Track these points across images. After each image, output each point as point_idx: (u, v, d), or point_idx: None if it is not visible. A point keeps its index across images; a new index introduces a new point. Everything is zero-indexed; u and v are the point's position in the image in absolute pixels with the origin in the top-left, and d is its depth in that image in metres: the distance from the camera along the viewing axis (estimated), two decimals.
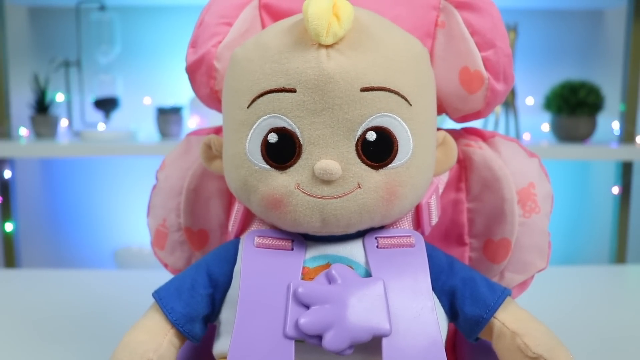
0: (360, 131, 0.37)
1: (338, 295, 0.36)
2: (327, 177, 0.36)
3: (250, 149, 0.38)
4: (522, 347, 0.39)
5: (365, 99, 0.37)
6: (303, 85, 0.36)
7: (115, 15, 1.51)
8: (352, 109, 0.37)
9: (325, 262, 0.39)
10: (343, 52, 0.36)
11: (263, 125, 0.38)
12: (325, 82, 0.36)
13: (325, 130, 0.37)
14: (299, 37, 0.37)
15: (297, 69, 0.36)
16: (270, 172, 0.38)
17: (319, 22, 0.35)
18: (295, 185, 0.37)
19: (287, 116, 0.37)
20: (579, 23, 1.66)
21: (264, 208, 0.39)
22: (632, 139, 1.51)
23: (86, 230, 1.69)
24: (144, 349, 0.38)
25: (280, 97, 0.37)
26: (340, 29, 0.36)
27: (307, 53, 0.36)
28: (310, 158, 0.37)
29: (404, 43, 0.39)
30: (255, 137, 0.38)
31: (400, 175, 0.38)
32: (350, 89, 0.36)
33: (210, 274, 0.41)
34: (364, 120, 0.37)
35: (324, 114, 0.37)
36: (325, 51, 0.36)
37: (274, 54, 0.38)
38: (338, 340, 0.35)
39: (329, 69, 0.36)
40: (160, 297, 0.41)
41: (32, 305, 0.70)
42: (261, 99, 0.38)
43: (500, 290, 0.42)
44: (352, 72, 0.36)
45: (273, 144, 0.37)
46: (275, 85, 0.37)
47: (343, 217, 0.38)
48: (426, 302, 0.37)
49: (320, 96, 0.36)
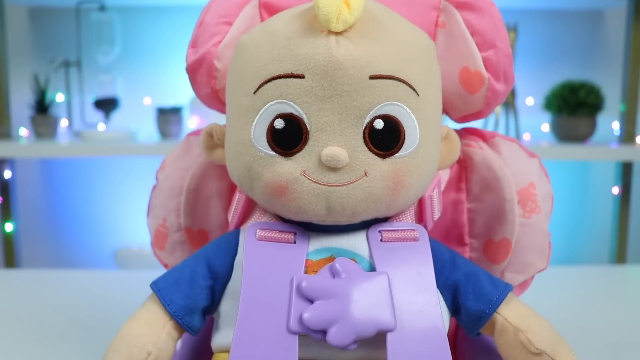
0: (368, 119, 0.37)
1: (342, 289, 0.36)
2: (334, 164, 0.36)
3: (255, 135, 0.38)
4: (525, 342, 0.39)
5: (374, 87, 0.37)
6: (312, 71, 0.36)
7: (115, 15, 1.51)
8: (361, 97, 0.36)
9: (329, 254, 0.39)
10: (352, 39, 0.36)
11: (270, 111, 0.37)
12: (335, 68, 0.36)
13: (333, 117, 0.37)
14: (308, 24, 0.37)
15: (306, 55, 0.36)
16: (276, 159, 0.38)
17: (329, 9, 0.35)
18: (301, 172, 0.37)
19: (294, 102, 0.37)
20: (579, 23, 1.66)
21: (267, 195, 0.39)
22: (632, 139, 1.51)
23: (86, 230, 1.69)
24: (142, 341, 0.38)
25: (288, 82, 0.37)
26: (350, 17, 0.36)
27: (317, 39, 0.36)
28: (317, 145, 0.37)
29: (413, 34, 0.40)
30: (261, 123, 0.38)
31: (407, 165, 0.38)
32: (359, 76, 0.36)
33: (210, 266, 0.41)
34: (372, 108, 0.37)
35: (332, 101, 0.36)
36: (334, 38, 0.36)
37: (282, 40, 0.37)
38: (342, 335, 0.34)
39: (339, 56, 0.36)
40: (158, 288, 0.41)
41: (32, 305, 0.70)
42: (268, 84, 0.37)
43: (503, 286, 0.42)
44: (361, 59, 0.36)
45: (279, 130, 0.37)
46: (283, 71, 0.37)
47: (349, 205, 0.37)
48: (430, 297, 0.37)
49: (329, 82, 0.36)
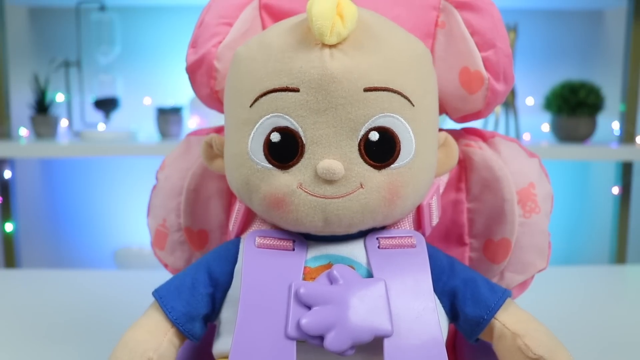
0: (363, 131, 0.37)
1: (339, 295, 0.36)
2: (330, 176, 0.36)
3: (252, 148, 0.38)
4: (522, 348, 0.39)
5: (369, 99, 0.37)
6: (306, 85, 0.36)
7: (115, 15, 1.51)
8: (355, 109, 0.36)
9: (327, 262, 0.39)
10: (346, 52, 0.36)
11: (266, 124, 0.38)
12: (329, 81, 0.36)
13: (328, 130, 0.37)
14: (302, 37, 0.37)
15: (300, 69, 0.36)
16: (273, 172, 0.38)
17: (323, 22, 0.35)
18: (297, 185, 0.37)
19: (290, 115, 0.37)
20: (579, 23, 1.66)
21: (265, 207, 0.39)
22: (632, 139, 1.51)
23: (86, 230, 1.69)
24: (144, 348, 0.38)
25: (283, 96, 0.37)
26: (344, 29, 0.36)
27: (311, 53, 0.36)
28: (312, 157, 0.37)
29: (407, 44, 0.39)
30: (258, 136, 0.38)
31: (403, 176, 0.38)
32: (354, 89, 0.36)
33: (210, 273, 0.41)
34: (367, 120, 0.37)
35: (327, 114, 0.36)
36: (328, 51, 0.36)
37: (277, 53, 0.38)
38: (340, 340, 0.35)
39: (333, 69, 0.36)
40: (160, 296, 0.41)
41: (32, 305, 0.70)
42: (264, 98, 0.38)
43: (501, 292, 0.42)
44: (355, 72, 0.36)
45: (275, 143, 0.37)
46: (278, 85, 0.37)
47: (345, 217, 0.38)
48: (428, 303, 0.37)
49: (324, 96, 0.36)
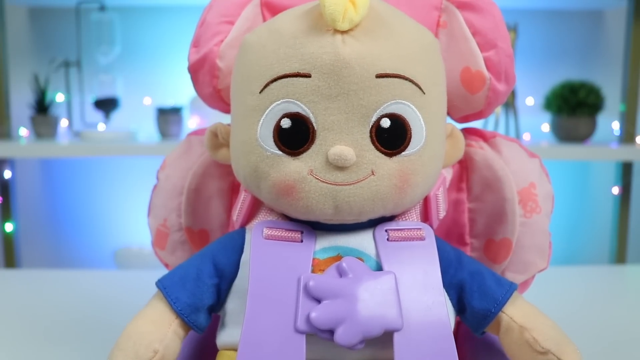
0: (375, 117, 0.37)
1: (349, 289, 0.36)
2: (342, 163, 0.36)
3: (261, 135, 0.38)
4: (530, 341, 0.39)
5: (381, 86, 0.37)
6: (318, 70, 0.36)
7: (115, 15, 1.51)
8: (367, 95, 0.36)
9: (336, 253, 0.39)
10: (358, 38, 0.36)
11: (276, 110, 0.37)
12: (341, 67, 0.36)
13: (340, 116, 0.37)
14: (313, 23, 0.37)
15: (312, 54, 0.36)
16: (283, 158, 0.38)
17: (335, 8, 0.35)
18: (308, 171, 0.37)
19: (301, 101, 0.37)
20: (579, 23, 1.66)
21: (274, 195, 0.38)
22: (632, 139, 1.51)
23: (86, 230, 1.69)
24: (149, 339, 0.38)
25: (294, 82, 0.37)
26: (356, 15, 0.36)
27: (323, 38, 0.36)
28: (324, 144, 0.37)
29: (417, 32, 0.40)
30: (268, 123, 0.38)
31: (414, 163, 0.38)
32: (366, 75, 0.36)
33: (216, 264, 0.41)
34: (378, 107, 0.37)
35: (338, 100, 0.36)
36: (340, 37, 0.36)
37: (288, 39, 0.37)
38: (349, 334, 0.34)
39: (345, 55, 0.36)
40: (164, 286, 0.40)
41: (32, 305, 0.70)
42: (274, 84, 0.37)
43: (508, 285, 0.42)
44: (367, 58, 0.36)
45: (286, 130, 0.37)
46: (289, 70, 0.37)
47: (356, 204, 0.37)
48: (437, 296, 0.37)
49: (336, 81, 0.36)
